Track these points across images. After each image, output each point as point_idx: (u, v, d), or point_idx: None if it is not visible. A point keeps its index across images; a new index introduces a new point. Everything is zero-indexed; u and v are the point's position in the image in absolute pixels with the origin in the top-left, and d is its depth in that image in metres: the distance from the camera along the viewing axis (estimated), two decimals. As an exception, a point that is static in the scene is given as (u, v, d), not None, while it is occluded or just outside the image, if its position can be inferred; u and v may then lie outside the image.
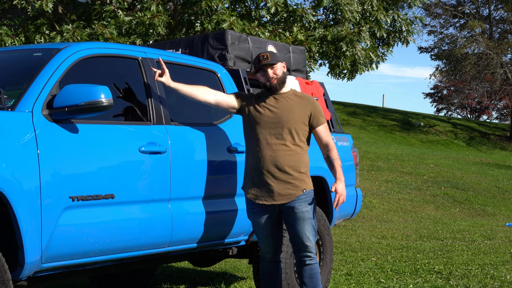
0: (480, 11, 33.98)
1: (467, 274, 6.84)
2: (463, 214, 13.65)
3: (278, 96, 4.74)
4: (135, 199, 4.33)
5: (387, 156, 19.53)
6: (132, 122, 4.51)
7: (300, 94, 4.82)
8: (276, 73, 4.70)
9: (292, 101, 4.72)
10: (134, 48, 4.79)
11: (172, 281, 6.60)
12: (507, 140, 31.05)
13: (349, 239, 9.68)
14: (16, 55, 4.68)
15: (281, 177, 4.60)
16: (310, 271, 4.70)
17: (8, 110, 3.85)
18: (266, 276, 4.80)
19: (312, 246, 4.67)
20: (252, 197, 4.68)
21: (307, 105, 4.73)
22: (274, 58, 4.71)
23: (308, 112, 4.71)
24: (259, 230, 4.73)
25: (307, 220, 4.63)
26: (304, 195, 4.64)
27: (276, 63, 4.70)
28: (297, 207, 4.62)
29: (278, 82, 4.70)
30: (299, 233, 4.64)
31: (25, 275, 3.78)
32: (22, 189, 3.66)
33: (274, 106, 4.70)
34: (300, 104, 4.72)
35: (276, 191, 4.60)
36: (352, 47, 10.69)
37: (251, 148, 4.71)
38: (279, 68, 4.72)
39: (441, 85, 45.30)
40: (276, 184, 4.60)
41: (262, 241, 4.75)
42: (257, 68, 4.74)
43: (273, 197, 4.62)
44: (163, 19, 9.17)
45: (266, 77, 4.71)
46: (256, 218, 4.71)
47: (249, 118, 4.73)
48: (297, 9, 10.21)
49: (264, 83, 4.74)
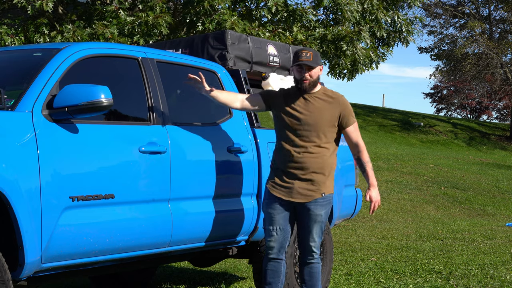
0: (480, 11, 33.98)
1: (467, 274, 6.84)
2: (463, 214, 13.65)
3: (308, 96, 4.69)
4: (135, 199, 4.33)
5: (387, 156, 19.53)
6: (132, 122, 4.51)
7: (330, 93, 4.76)
8: (312, 76, 4.65)
9: (321, 102, 4.68)
10: (134, 48, 4.79)
11: (172, 281, 6.61)
12: (507, 140, 31.05)
13: (349, 239, 9.68)
14: (16, 55, 4.68)
15: (303, 178, 4.62)
16: (310, 269, 4.75)
17: (8, 110, 3.85)
18: (268, 273, 4.75)
19: (316, 246, 4.72)
20: (270, 188, 4.69)
21: (337, 106, 4.70)
22: (315, 60, 4.64)
23: (337, 113, 4.69)
24: (269, 223, 4.71)
25: (318, 223, 4.67)
26: (322, 198, 4.65)
27: (315, 66, 4.65)
28: (312, 209, 4.64)
29: (309, 85, 4.66)
30: (307, 233, 4.69)
31: (25, 275, 3.78)
32: (22, 189, 3.66)
33: (303, 107, 4.67)
34: (329, 105, 4.68)
35: (295, 189, 4.62)
36: (353, 46, 10.68)
37: (278, 146, 4.73)
38: (316, 72, 4.67)
39: (441, 85, 45.30)
40: (298, 183, 4.62)
41: (270, 235, 4.71)
42: (295, 62, 4.66)
43: (291, 194, 4.63)
44: (167, 19, 9.17)
45: (300, 75, 4.66)
46: (271, 210, 4.69)
47: (278, 117, 4.72)
48: (297, 8, 10.21)
49: (296, 79, 4.70)
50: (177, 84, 5.10)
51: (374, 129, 29.04)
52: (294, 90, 4.76)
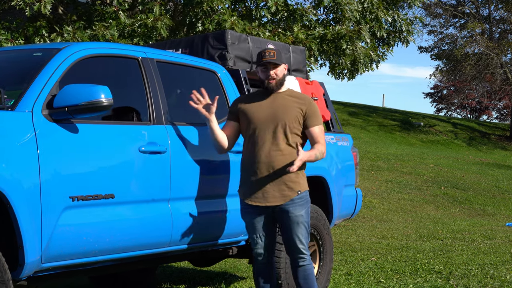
0: (480, 11, 33.98)
1: (467, 274, 6.84)
2: (463, 214, 13.65)
3: (274, 95, 4.64)
4: (135, 199, 4.33)
5: (387, 156, 19.53)
6: (132, 122, 4.51)
7: (297, 94, 4.71)
8: (277, 74, 4.60)
9: (287, 100, 4.62)
10: (134, 48, 4.78)
11: (172, 281, 6.61)
12: (507, 140, 31.05)
13: (349, 239, 9.68)
14: (16, 55, 4.68)
15: (275, 178, 4.52)
16: (303, 272, 4.66)
17: (8, 110, 3.85)
18: (259, 277, 4.75)
19: (305, 248, 4.63)
20: (245, 198, 4.62)
21: (303, 105, 4.61)
22: (279, 58, 4.59)
23: (303, 111, 4.60)
24: (252, 231, 4.66)
25: (301, 223, 4.58)
26: (299, 198, 4.56)
27: (280, 64, 4.60)
28: (291, 211, 4.55)
29: (276, 84, 4.61)
30: (292, 236, 4.60)
31: (25, 275, 3.79)
32: (22, 189, 3.66)
33: (268, 105, 4.61)
34: (295, 103, 4.61)
35: (270, 192, 4.53)
36: (352, 45, 10.68)
37: (245, 148, 4.64)
38: (281, 70, 4.62)
39: (441, 85, 45.31)
40: (270, 186, 4.53)
41: (255, 242, 4.68)
42: (259, 63, 4.61)
43: (267, 199, 4.54)
44: (166, 22, 9.16)
45: (265, 74, 4.60)
46: (250, 219, 4.63)
47: (244, 118, 4.63)
48: (298, 8, 10.21)
49: (262, 80, 4.63)
50: (177, 84, 5.10)
51: (374, 129, 29.05)
52: (261, 91, 4.69)
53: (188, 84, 5.18)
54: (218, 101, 4.99)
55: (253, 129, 4.58)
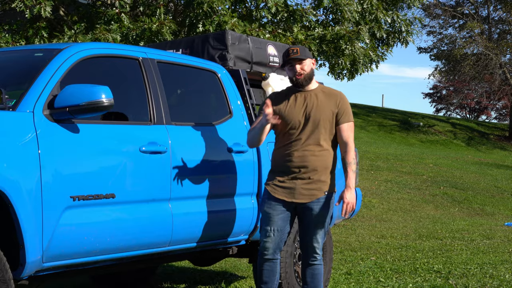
0: (479, 12, 33.99)
1: (466, 273, 6.86)
2: (462, 214, 13.67)
3: (306, 93, 4.66)
4: (136, 199, 4.34)
5: (387, 156, 19.54)
6: (133, 122, 4.53)
7: (328, 90, 4.71)
8: (304, 69, 4.61)
9: (320, 98, 4.64)
10: (134, 49, 4.80)
11: (173, 280, 6.62)
12: (506, 140, 31.06)
13: (349, 238, 9.70)
14: (17, 55, 4.70)
15: (305, 177, 4.57)
16: (312, 271, 4.70)
17: (9, 110, 3.87)
18: (264, 273, 4.73)
19: (319, 248, 4.67)
20: (271, 190, 4.63)
21: (335, 101, 4.64)
22: (303, 53, 4.60)
23: (335, 108, 4.62)
24: (267, 223, 4.64)
25: (320, 223, 4.63)
26: (325, 198, 4.60)
27: (305, 58, 4.60)
28: (315, 209, 4.59)
29: (304, 78, 4.62)
30: (310, 234, 4.64)
31: (26, 274, 3.80)
32: (23, 188, 3.67)
33: (301, 102, 4.63)
34: (328, 101, 4.63)
35: (297, 189, 4.57)
36: (351, 45, 10.70)
37: (278, 146, 4.68)
38: (308, 64, 4.63)
39: (440, 85, 45.31)
40: (299, 183, 4.57)
41: (266, 236, 4.65)
42: (284, 62, 4.64)
43: (294, 195, 4.58)
44: (172, 27, 9.15)
45: (293, 71, 4.62)
46: (270, 210, 4.62)
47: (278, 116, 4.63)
48: (298, 9, 10.22)
49: (291, 77, 4.67)
50: (177, 84, 5.12)
51: (373, 129, 29.06)
52: (292, 89, 4.73)
53: (188, 84, 5.20)
54: (218, 101, 5.02)
55: (285, 127, 4.61)
